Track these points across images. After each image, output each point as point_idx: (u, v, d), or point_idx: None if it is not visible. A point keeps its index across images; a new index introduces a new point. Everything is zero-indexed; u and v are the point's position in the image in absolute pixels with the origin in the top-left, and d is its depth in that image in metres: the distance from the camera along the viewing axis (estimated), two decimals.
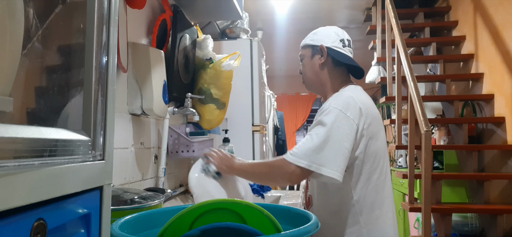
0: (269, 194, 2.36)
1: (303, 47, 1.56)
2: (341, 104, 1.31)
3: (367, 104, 1.36)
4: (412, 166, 2.71)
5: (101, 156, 0.60)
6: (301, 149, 1.29)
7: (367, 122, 1.32)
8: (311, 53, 1.51)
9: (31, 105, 0.51)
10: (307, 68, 1.53)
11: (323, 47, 1.48)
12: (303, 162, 1.26)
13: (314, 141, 1.28)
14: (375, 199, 1.34)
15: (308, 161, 1.26)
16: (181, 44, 2.08)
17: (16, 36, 0.43)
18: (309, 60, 1.52)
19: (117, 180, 1.52)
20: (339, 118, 1.28)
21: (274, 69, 7.19)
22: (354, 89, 1.43)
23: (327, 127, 1.28)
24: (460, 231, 2.93)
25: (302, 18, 4.66)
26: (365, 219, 1.33)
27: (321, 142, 1.26)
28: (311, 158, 1.26)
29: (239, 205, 0.87)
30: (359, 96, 1.37)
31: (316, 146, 1.27)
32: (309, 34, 1.56)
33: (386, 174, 1.39)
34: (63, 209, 0.51)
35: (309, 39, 1.53)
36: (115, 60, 0.64)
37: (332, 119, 1.28)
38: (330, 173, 1.24)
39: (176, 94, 2.00)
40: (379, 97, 5.52)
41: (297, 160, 1.27)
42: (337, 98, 1.36)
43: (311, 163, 1.25)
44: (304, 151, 1.28)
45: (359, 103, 1.33)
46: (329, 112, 1.30)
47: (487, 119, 3.11)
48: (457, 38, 3.65)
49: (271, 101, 4.04)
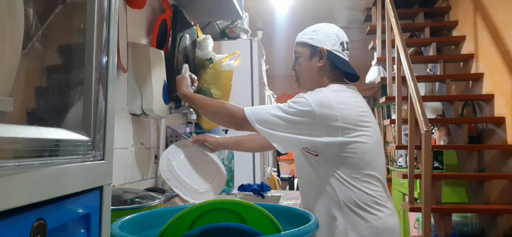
0: (269, 194, 2.36)
1: (300, 44, 1.51)
2: (312, 97, 1.35)
3: (344, 102, 1.35)
4: (412, 166, 2.71)
5: (101, 156, 0.60)
6: (260, 112, 1.40)
7: (340, 120, 1.31)
8: (310, 53, 1.48)
9: (31, 105, 0.51)
10: (304, 69, 1.51)
11: (324, 50, 1.45)
12: (254, 122, 1.38)
13: (273, 112, 1.37)
14: (364, 198, 1.32)
15: (259, 125, 1.38)
16: (181, 44, 2.08)
17: (16, 36, 0.43)
18: (306, 60, 1.49)
19: (117, 180, 1.52)
20: (304, 109, 1.33)
21: (274, 69, 7.19)
22: (336, 87, 1.42)
23: (291, 107, 1.36)
24: (460, 231, 2.93)
25: (302, 18, 4.66)
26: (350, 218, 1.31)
27: (277, 117, 1.36)
28: (263, 123, 1.37)
29: (239, 205, 0.87)
30: (337, 95, 1.36)
31: (272, 116, 1.37)
32: (307, 29, 1.51)
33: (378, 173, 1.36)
34: (63, 209, 0.51)
35: (307, 37, 1.49)
36: (115, 60, 0.64)
37: (297, 106, 1.35)
38: (273, 143, 1.39)
39: (176, 94, 2.00)
40: (379, 97, 5.52)
41: (251, 116, 1.40)
42: (312, 93, 1.39)
43: (260, 127, 1.38)
44: (262, 115, 1.39)
45: (333, 102, 1.32)
46: (298, 99, 1.37)
47: (487, 119, 3.11)
48: (457, 38, 3.65)
49: (271, 101, 4.04)
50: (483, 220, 2.88)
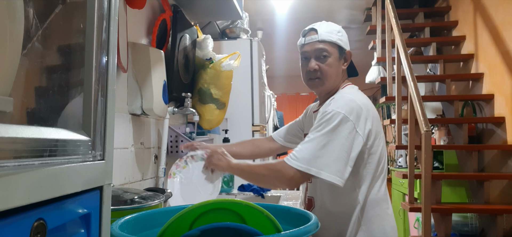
0: (269, 194, 2.36)
1: (331, 43, 1.42)
2: (344, 108, 1.30)
3: (367, 105, 1.37)
4: (412, 166, 2.71)
5: (101, 156, 0.60)
6: (302, 153, 1.28)
7: (369, 123, 1.32)
8: (339, 54, 1.44)
9: (31, 105, 0.51)
10: (333, 70, 1.43)
11: (350, 54, 1.47)
12: (303, 166, 1.25)
13: (315, 145, 1.27)
14: (375, 197, 1.36)
15: (308, 165, 1.25)
16: (181, 44, 2.08)
17: (16, 36, 0.43)
18: (336, 61, 1.44)
19: (117, 180, 1.52)
20: (342, 122, 1.27)
21: (274, 69, 7.19)
22: (352, 90, 1.44)
23: (330, 131, 1.27)
24: (460, 231, 2.93)
25: (302, 18, 4.66)
26: (365, 217, 1.34)
27: (321, 146, 1.26)
28: (311, 162, 1.25)
29: (239, 205, 0.87)
30: (360, 98, 1.37)
31: (316, 150, 1.26)
32: (331, 28, 1.45)
33: (385, 172, 1.42)
34: (63, 209, 0.51)
35: (337, 38, 1.43)
36: (115, 60, 0.64)
37: (335, 124, 1.27)
38: (330, 178, 1.24)
39: (176, 94, 2.00)
40: (379, 97, 5.52)
41: (298, 164, 1.26)
42: (339, 101, 1.34)
43: (311, 167, 1.25)
44: (305, 155, 1.27)
45: (361, 105, 1.33)
46: (332, 116, 1.29)
47: (487, 119, 3.10)
48: (457, 38, 3.65)
49: (271, 101, 4.04)
50: (483, 220, 2.88)
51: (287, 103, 8.86)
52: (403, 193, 3.84)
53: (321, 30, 1.43)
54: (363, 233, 1.33)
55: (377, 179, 1.37)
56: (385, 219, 1.36)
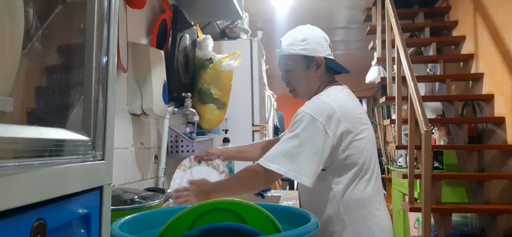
0: (269, 194, 2.36)
1: (291, 57, 1.45)
2: (313, 110, 1.32)
3: (344, 104, 1.36)
4: (412, 166, 2.71)
5: (101, 156, 0.60)
6: (272, 153, 1.33)
7: (342, 124, 1.32)
8: (305, 63, 1.44)
9: (31, 105, 0.51)
10: (302, 80, 1.47)
11: (321, 59, 1.44)
12: (274, 166, 1.30)
13: (284, 145, 1.32)
14: (360, 197, 1.34)
15: (277, 165, 1.30)
16: (181, 44, 2.08)
17: (16, 36, 0.43)
18: (303, 71, 1.45)
19: (117, 180, 1.52)
20: (310, 123, 1.30)
21: (274, 69, 7.17)
22: (334, 90, 1.43)
23: (297, 132, 1.31)
24: (460, 231, 2.93)
25: (302, 18, 4.66)
26: (349, 218, 1.33)
27: (291, 147, 1.30)
28: (280, 162, 1.30)
29: (239, 205, 0.87)
30: (336, 98, 1.37)
31: (285, 150, 1.31)
32: (293, 39, 1.45)
33: (373, 172, 1.39)
34: (63, 209, 0.51)
35: (299, 48, 1.43)
36: (115, 60, 0.64)
37: (303, 125, 1.31)
38: (296, 178, 1.29)
39: (176, 94, 2.00)
40: (379, 97, 5.52)
41: (267, 163, 1.31)
42: (311, 103, 1.37)
43: (280, 167, 1.30)
44: (276, 156, 1.32)
45: (333, 105, 1.33)
46: (301, 118, 1.33)
47: (487, 119, 3.10)
48: (457, 38, 3.65)
49: (271, 101, 4.04)
50: (483, 220, 2.88)
51: (287, 103, 8.86)
52: (403, 193, 3.84)
53: (283, 43, 1.48)
54: (348, 234, 1.32)
55: (361, 180, 1.35)
56: (371, 220, 1.34)
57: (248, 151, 1.81)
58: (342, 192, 1.34)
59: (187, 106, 2.04)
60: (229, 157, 1.83)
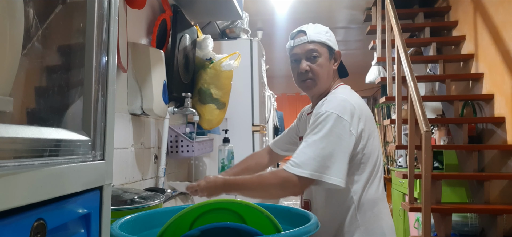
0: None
1: (320, 43, 1.42)
2: (337, 108, 1.30)
3: (360, 104, 1.37)
4: (412, 166, 2.71)
5: (101, 156, 0.60)
6: (301, 158, 1.25)
7: (362, 122, 1.32)
8: (329, 54, 1.44)
9: (31, 105, 0.51)
10: (324, 70, 1.43)
11: (340, 53, 1.47)
12: (305, 172, 1.23)
13: (313, 149, 1.25)
14: (373, 197, 1.35)
15: (311, 170, 1.23)
16: (181, 44, 2.08)
17: (16, 36, 0.43)
18: (327, 61, 1.43)
19: (117, 180, 1.52)
20: (336, 123, 1.27)
21: (274, 69, 7.19)
22: (344, 89, 1.44)
23: (325, 133, 1.26)
24: (460, 231, 2.93)
25: (302, 18, 4.66)
26: (362, 218, 1.33)
27: (320, 150, 1.25)
28: (312, 167, 1.23)
29: (239, 205, 0.87)
30: (352, 97, 1.37)
31: (316, 154, 1.24)
32: (319, 28, 1.45)
33: (381, 170, 1.41)
34: (63, 209, 0.51)
35: (326, 38, 1.43)
36: (115, 60, 0.64)
37: (330, 125, 1.27)
38: (332, 180, 1.23)
39: (176, 94, 2.00)
40: (379, 97, 5.52)
41: (300, 171, 1.24)
42: (332, 102, 1.33)
43: (313, 172, 1.23)
44: (305, 160, 1.25)
45: (353, 104, 1.33)
46: (326, 118, 1.28)
47: (487, 119, 3.10)
48: (457, 38, 3.65)
49: (271, 101, 4.04)
50: (483, 220, 2.88)
51: (287, 103, 8.86)
52: (403, 193, 3.84)
53: (310, 31, 1.44)
54: (361, 233, 1.32)
55: (374, 179, 1.36)
56: (383, 219, 1.36)
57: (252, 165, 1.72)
58: (359, 191, 1.33)
59: (187, 106, 2.04)
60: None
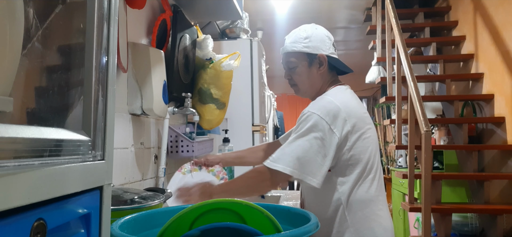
0: (269, 194, 2.36)
1: (294, 54, 1.46)
2: (319, 109, 1.32)
3: (349, 105, 1.36)
4: (412, 166, 2.71)
5: (101, 156, 0.60)
6: (278, 154, 1.32)
7: (348, 124, 1.32)
8: (308, 61, 1.45)
9: (31, 105, 0.51)
10: (304, 78, 1.47)
11: (324, 57, 1.45)
12: (279, 166, 1.29)
13: (291, 146, 1.31)
14: (363, 198, 1.34)
15: (283, 165, 1.28)
16: (181, 44, 2.08)
17: (16, 36, 0.43)
18: (306, 69, 1.46)
19: (117, 180, 1.52)
20: (316, 123, 1.30)
21: (274, 69, 7.18)
22: (338, 90, 1.44)
23: (303, 132, 1.31)
24: (460, 231, 2.93)
25: (302, 18, 4.66)
26: (352, 218, 1.33)
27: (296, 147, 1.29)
28: (286, 162, 1.28)
29: (239, 205, 0.87)
30: (341, 98, 1.37)
31: (292, 150, 1.30)
32: (297, 36, 1.46)
33: (376, 172, 1.39)
34: (63, 209, 0.51)
35: (302, 46, 1.44)
36: (115, 60, 0.64)
37: (309, 125, 1.30)
38: (308, 180, 1.28)
39: (176, 94, 2.00)
40: (379, 97, 5.52)
41: (274, 164, 1.30)
42: (316, 103, 1.37)
43: (286, 167, 1.28)
44: (282, 156, 1.30)
45: (339, 105, 1.33)
46: (307, 118, 1.32)
47: (487, 119, 3.11)
48: (457, 38, 3.65)
49: (271, 101, 4.04)
50: (483, 220, 2.88)
51: (287, 103, 8.86)
52: (403, 193, 3.84)
53: (287, 41, 1.49)
54: (351, 234, 1.32)
55: (364, 180, 1.35)
56: (375, 220, 1.34)
57: (247, 156, 1.79)
58: (347, 192, 1.33)
59: (187, 106, 2.04)
60: (229, 163, 1.81)
